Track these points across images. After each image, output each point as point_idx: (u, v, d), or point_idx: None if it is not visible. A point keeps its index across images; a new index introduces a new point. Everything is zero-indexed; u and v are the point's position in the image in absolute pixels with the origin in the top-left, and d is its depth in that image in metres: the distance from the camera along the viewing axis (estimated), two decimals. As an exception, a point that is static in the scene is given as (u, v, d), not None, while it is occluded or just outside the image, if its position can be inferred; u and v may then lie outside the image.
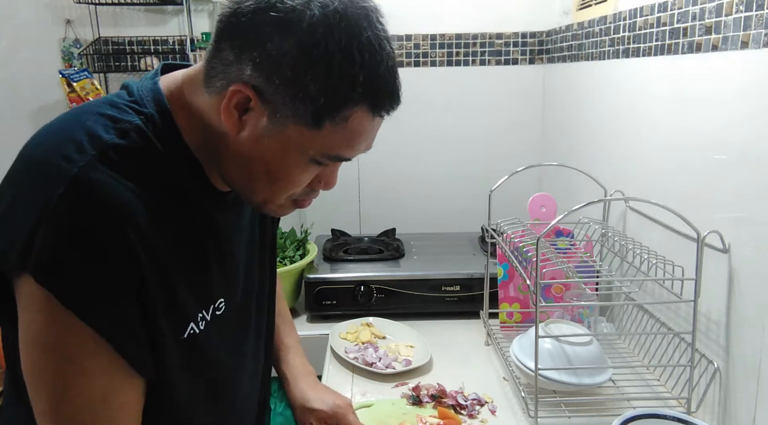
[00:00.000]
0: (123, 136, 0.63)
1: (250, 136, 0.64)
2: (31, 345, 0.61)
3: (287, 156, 0.65)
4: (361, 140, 0.67)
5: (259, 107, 0.62)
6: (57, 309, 0.58)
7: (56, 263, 0.57)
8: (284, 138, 0.63)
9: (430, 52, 1.86)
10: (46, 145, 0.62)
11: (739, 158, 0.91)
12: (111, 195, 0.59)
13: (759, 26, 0.86)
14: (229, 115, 0.63)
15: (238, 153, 0.66)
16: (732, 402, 0.95)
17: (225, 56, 0.62)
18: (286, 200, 0.71)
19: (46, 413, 0.62)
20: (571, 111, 1.65)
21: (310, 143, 0.63)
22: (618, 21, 1.33)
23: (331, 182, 0.73)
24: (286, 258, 1.54)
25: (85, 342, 0.60)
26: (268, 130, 0.63)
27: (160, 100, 0.67)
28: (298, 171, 0.66)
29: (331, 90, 0.60)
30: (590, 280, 1.19)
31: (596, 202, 1.24)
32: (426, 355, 1.26)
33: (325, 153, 0.65)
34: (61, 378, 0.61)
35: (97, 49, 1.86)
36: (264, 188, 0.68)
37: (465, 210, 1.90)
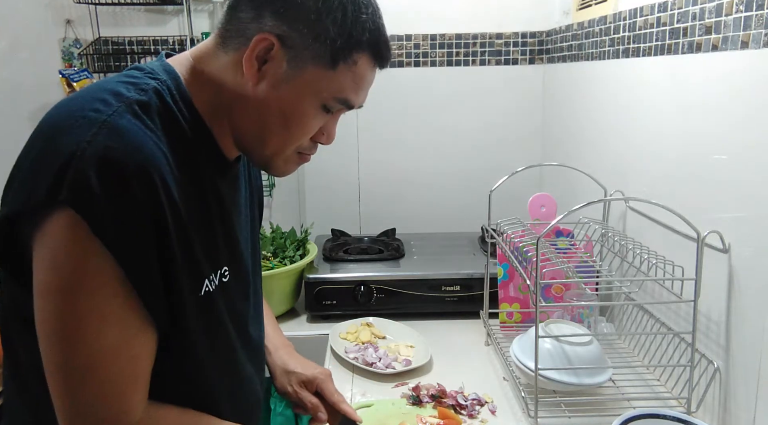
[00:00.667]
0: (143, 93, 0.66)
1: (269, 85, 0.70)
2: (49, 291, 0.62)
3: (303, 100, 0.71)
4: (364, 86, 0.75)
5: (279, 54, 0.68)
6: (84, 241, 0.59)
7: (88, 191, 0.58)
8: (302, 81, 0.70)
9: (430, 52, 1.86)
10: (69, 107, 0.64)
11: (739, 158, 0.91)
12: (140, 140, 0.62)
13: (759, 26, 0.86)
14: (251, 65, 0.69)
15: (254, 106, 0.71)
16: (732, 402, 0.95)
17: (243, 16, 0.69)
18: (292, 153, 0.77)
19: (57, 363, 0.63)
20: (571, 111, 1.65)
21: (325, 85, 0.71)
22: (618, 21, 1.33)
23: (333, 134, 0.79)
24: (286, 258, 1.54)
25: (105, 282, 0.61)
26: (287, 75, 0.69)
27: (171, 70, 0.72)
28: (310, 115, 0.73)
29: (347, 33, 0.69)
30: (590, 280, 1.19)
31: (596, 202, 1.24)
32: (426, 355, 1.26)
33: (336, 95, 0.72)
34: (77, 323, 0.62)
35: (97, 49, 1.86)
36: (277, 137, 0.74)
37: (465, 210, 1.90)
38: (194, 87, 0.72)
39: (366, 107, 2.11)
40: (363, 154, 1.92)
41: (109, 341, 0.63)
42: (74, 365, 0.62)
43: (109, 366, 0.64)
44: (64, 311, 0.61)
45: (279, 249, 1.58)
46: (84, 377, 0.63)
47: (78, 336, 0.62)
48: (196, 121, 0.72)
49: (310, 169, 1.92)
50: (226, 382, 0.81)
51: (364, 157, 1.92)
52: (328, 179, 1.92)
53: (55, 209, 0.59)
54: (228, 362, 0.82)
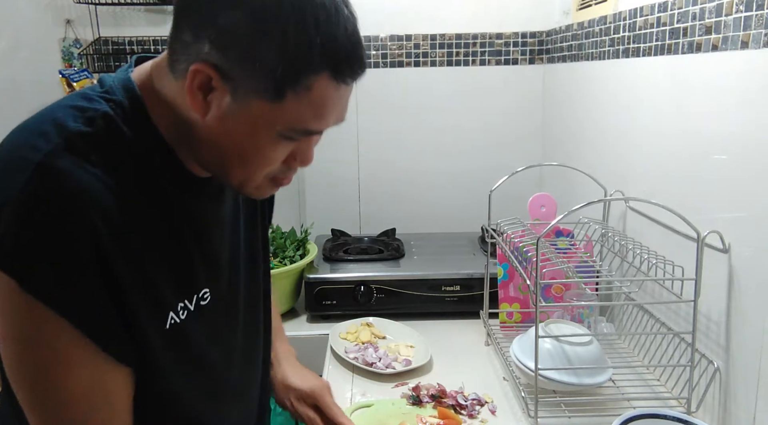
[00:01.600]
0: (89, 123, 0.62)
1: (217, 116, 0.62)
2: (7, 340, 0.60)
3: (255, 134, 0.63)
4: (328, 110, 0.64)
5: (221, 85, 0.60)
6: (26, 299, 0.57)
7: (19, 249, 0.56)
8: (249, 115, 0.61)
9: (430, 52, 1.86)
10: (14, 140, 0.62)
11: (739, 158, 0.91)
12: (75, 182, 0.58)
13: (759, 26, 0.86)
14: (194, 97, 0.61)
15: (207, 136, 0.65)
16: (732, 402, 0.95)
17: (184, 38, 0.61)
18: (263, 180, 0.69)
19: (33, 409, 0.62)
20: (571, 111, 1.65)
21: (276, 118, 0.61)
22: (618, 21, 1.33)
23: (308, 158, 0.70)
24: (286, 258, 1.54)
25: (59, 331, 0.59)
26: (232, 108, 0.61)
27: (130, 88, 0.66)
28: (268, 148, 0.65)
29: (288, 58, 0.58)
30: (590, 280, 1.19)
31: (596, 202, 1.24)
32: (426, 355, 1.26)
33: (293, 127, 0.63)
34: (43, 371, 0.60)
35: (97, 49, 1.86)
36: (237, 170, 0.67)
37: (465, 210, 1.90)
38: (153, 105, 0.66)
39: (366, 107, 2.12)
40: (363, 154, 1.92)
41: (76, 384, 0.61)
42: (45, 409, 0.61)
43: (82, 407, 0.62)
44: (26, 360, 0.60)
45: (279, 249, 1.58)
46: (59, 419, 0.62)
47: (43, 383, 0.60)
48: (156, 144, 0.66)
49: (310, 169, 1.92)
50: (212, 403, 0.79)
51: (364, 157, 1.92)
52: (328, 179, 1.92)
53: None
54: (211, 387, 0.78)
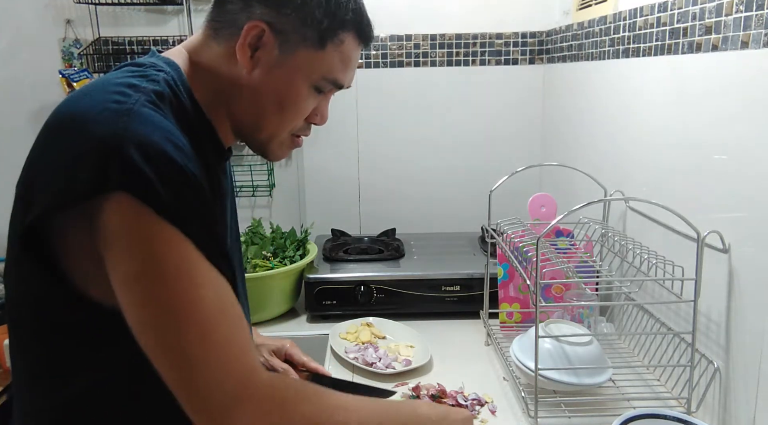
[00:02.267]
0: (156, 83, 0.68)
1: (262, 70, 0.73)
2: (133, 280, 0.60)
3: (295, 82, 0.75)
4: (351, 65, 0.78)
5: (270, 40, 0.72)
6: (148, 221, 0.59)
7: (141, 173, 0.58)
8: (293, 64, 0.74)
9: (430, 52, 1.86)
10: (87, 101, 0.64)
11: (739, 158, 0.91)
12: (168, 125, 0.64)
13: (759, 26, 0.86)
14: (244, 53, 0.72)
15: (249, 91, 0.74)
16: (732, 402, 0.95)
17: (231, 7, 0.73)
18: (287, 135, 0.80)
19: (168, 347, 0.61)
20: (571, 111, 1.65)
21: (316, 66, 0.74)
22: (618, 21, 1.33)
23: (326, 114, 0.83)
24: (286, 258, 1.54)
25: (184, 252, 0.61)
26: (279, 60, 0.73)
27: (172, 62, 0.73)
28: (303, 97, 0.76)
29: (332, 15, 0.73)
30: (590, 280, 1.19)
31: (596, 202, 1.24)
32: (426, 355, 1.26)
33: (326, 76, 0.76)
34: (176, 298, 0.60)
35: (97, 49, 1.86)
36: (272, 121, 0.77)
37: (465, 210, 1.90)
38: (193, 78, 0.74)
39: (366, 107, 2.12)
40: (363, 154, 1.92)
41: (211, 304, 0.62)
42: (190, 340, 0.60)
43: (220, 328, 0.62)
44: (158, 295, 0.60)
45: (279, 249, 1.58)
46: (203, 347, 0.61)
47: (181, 310, 0.60)
48: (198, 112, 0.74)
49: (310, 169, 1.92)
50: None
51: (364, 157, 1.92)
52: (328, 179, 1.92)
53: (107, 197, 0.58)
54: None
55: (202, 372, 0.60)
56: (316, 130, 0.87)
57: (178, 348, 0.60)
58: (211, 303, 0.62)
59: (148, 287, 0.60)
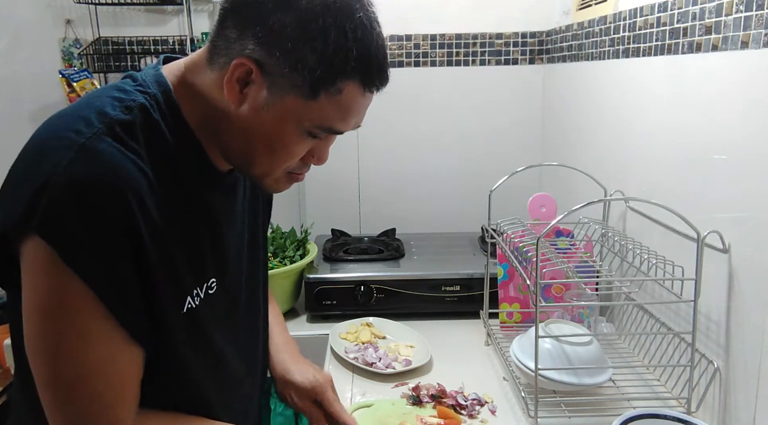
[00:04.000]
0: (128, 112, 0.66)
1: (251, 108, 0.68)
2: (32, 311, 0.63)
3: (285, 127, 0.69)
4: (352, 114, 0.71)
5: (259, 79, 0.67)
6: (57, 268, 0.60)
7: (58, 219, 0.59)
8: (282, 109, 0.67)
9: (430, 52, 1.86)
10: (55, 124, 0.65)
11: (739, 158, 0.91)
12: (116, 164, 0.62)
13: (759, 26, 0.86)
14: (232, 88, 0.67)
15: (238, 126, 0.70)
16: (732, 402, 0.95)
17: (229, 34, 0.67)
18: (282, 173, 0.75)
19: (45, 382, 0.64)
20: (571, 111, 1.65)
21: (307, 114, 0.68)
22: (618, 21, 1.33)
23: (324, 157, 0.77)
24: (286, 258, 1.54)
25: (83, 304, 0.62)
26: (268, 101, 0.67)
27: (163, 82, 0.71)
28: (294, 142, 0.71)
29: (327, 62, 0.65)
30: (590, 280, 1.19)
31: (596, 202, 1.24)
32: (426, 355, 1.26)
33: (320, 124, 0.69)
34: (59, 343, 0.63)
35: (97, 49, 1.86)
36: (263, 160, 0.72)
37: (465, 210, 1.90)
38: (184, 99, 0.71)
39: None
40: (363, 154, 1.92)
41: (93, 359, 0.64)
42: (60, 383, 0.63)
43: (94, 383, 0.64)
44: (47, 332, 0.62)
45: (279, 249, 1.58)
46: (70, 395, 0.64)
47: (61, 355, 0.63)
48: (185, 134, 0.71)
49: (310, 169, 1.92)
50: (217, 387, 0.81)
51: (364, 157, 1.92)
52: (328, 179, 1.92)
53: (29, 235, 0.60)
54: (217, 371, 0.81)
55: (66, 418, 0.64)
56: None
57: (51, 389, 0.64)
58: (91, 357, 0.63)
59: (40, 324, 0.63)
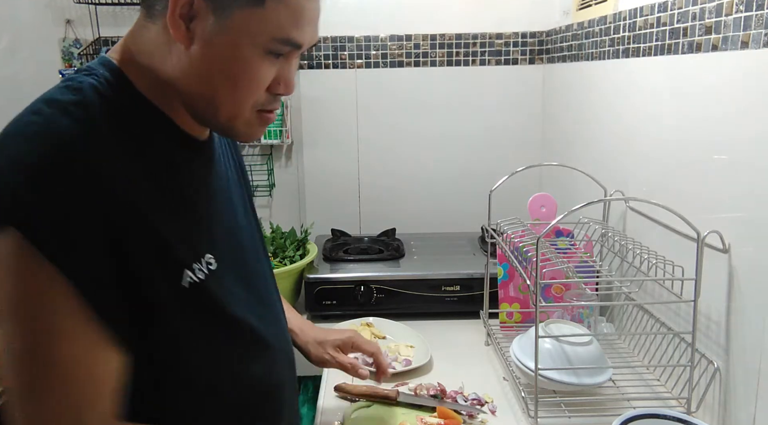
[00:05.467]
0: (77, 92, 0.63)
1: (202, 42, 0.64)
2: (2, 313, 0.59)
3: (241, 49, 0.65)
4: (305, 18, 0.66)
5: (202, 6, 0.63)
6: (31, 256, 0.57)
7: (23, 204, 0.56)
8: (234, 30, 0.64)
9: (430, 52, 1.86)
10: (8, 127, 0.62)
11: (739, 158, 0.91)
12: (76, 143, 0.59)
13: (759, 26, 0.86)
14: (177, 26, 0.63)
15: (194, 70, 0.66)
16: (732, 402, 0.95)
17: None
18: (252, 113, 0.70)
19: (12, 385, 0.60)
20: (571, 111, 1.65)
21: (258, 27, 0.64)
22: (618, 21, 1.33)
23: (290, 82, 0.71)
24: (286, 258, 1.54)
25: (55, 297, 0.58)
26: (217, 27, 0.64)
27: (107, 62, 0.68)
28: (254, 64, 0.66)
29: None
30: (590, 280, 1.19)
31: (596, 202, 1.24)
32: (426, 355, 1.26)
33: (275, 35, 0.65)
34: (34, 342, 0.59)
35: (97, 49, 1.85)
36: (228, 99, 0.68)
37: (465, 210, 1.90)
38: (133, 72, 0.68)
39: (366, 107, 2.12)
40: (363, 154, 1.92)
41: (66, 358, 0.60)
42: (29, 387, 0.60)
43: (62, 386, 0.60)
44: (18, 333, 0.59)
45: (279, 249, 1.58)
46: (38, 397, 0.60)
47: (33, 356, 0.59)
48: (145, 107, 0.68)
49: (310, 169, 1.92)
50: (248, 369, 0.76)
51: (364, 157, 1.92)
52: (328, 179, 1.92)
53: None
54: (236, 361, 0.75)
55: (33, 421, 0.60)
56: (316, 130, 0.85)
57: (18, 392, 0.60)
58: (61, 357, 0.60)
59: (8, 324, 0.59)
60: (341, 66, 1.85)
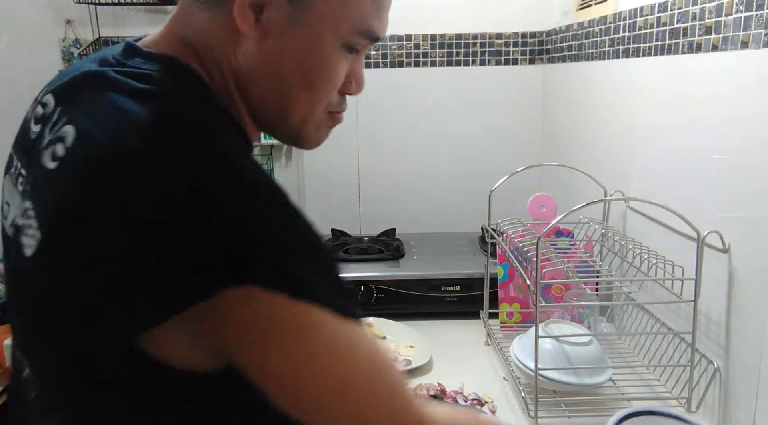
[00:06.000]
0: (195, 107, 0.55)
1: (276, 34, 0.57)
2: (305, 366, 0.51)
3: (321, 42, 0.58)
4: (385, 5, 0.61)
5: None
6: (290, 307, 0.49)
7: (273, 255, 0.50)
8: (313, 19, 0.57)
9: (430, 52, 1.86)
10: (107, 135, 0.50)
11: (739, 158, 0.91)
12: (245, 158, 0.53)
13: (759, 26, 0.86)
14: (246, 18, 0.56)
15: (263, 68, 0.59)
16: (732, 402, 0.95)
17: None
18: (323, 115, 0.65)
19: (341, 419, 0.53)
20: (571, 111, 1.65)
21: (342, 15, 0.58)
22: (618, 21, 1.33)
23: (362, 79, 0.66)
24: (286, 258, 1.54)
25: (332, 326, 0.51)
26: (293, 16, 0.57)
27: (177, 63, 0.58)
28: (333, 60, 0.60)
29: None
30: (590, 280, 1.19)
31: (596, 202, 1.24)
32: (426, 355, 1.26)
33: (358, 26, 0.59)
34: (329, 375, 0.52)
35: (97, 49, 1.86)
36: (301, 99, 0.61)
37: (465, 210, 1.90)
38: (199, 70, 0.59)
39: (366, 107, 2.11)
40: (363, 154, 1.92)
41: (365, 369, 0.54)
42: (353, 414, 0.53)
43: (380, 388, 0.55)
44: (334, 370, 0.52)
45: (279, 249, 1.58)
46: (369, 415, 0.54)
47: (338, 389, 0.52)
48: (222, 112, 0.59)
49: (310, 169, 1.92)
50: None
51: (364, 157, 1.92)
52: (328, 179, 1.92)
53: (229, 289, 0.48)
54: None
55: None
56: None
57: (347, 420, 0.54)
58: (364, 368, 0.54)
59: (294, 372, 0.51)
60: (341, 66, 1.84)
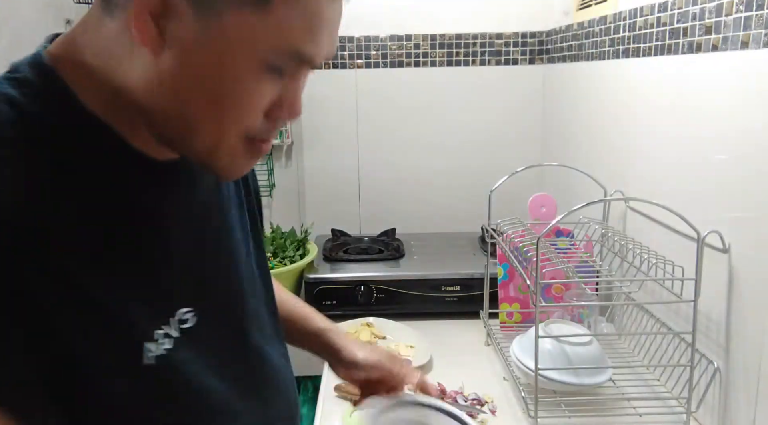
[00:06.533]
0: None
1: (178, 48, 0.48)
2: None
3: (233, 60, 0.48)
4: (322, 25, 0.50)
5: (181, 3, 0.46)
6: None
7: None
8: (224, 35, 0.47)
9: (430, 52, 1.86)
10: None
11: (739, 158, 0.91)
12: None
13: (759, 26, 0.86)
14: (144, 26, 0.47)
15: (164, 82, 0.49)
16: (732, 402, 0.95)
17: None
18: (238, 141, 0.52)
19: None
20: (571, 111, 1.65)
21: (260, 34, 0.48)
22: (618, 21, 1.33)
23: (296, 105, 0.54)
24: (286, 258, 1.54)
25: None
26: (199, 30, 0.47)
27: (39, 62, 0.53)
28: (248, 81, 0.49)
29: None
30: (590, 280, 1.19)
31: (596, 202, 1.24)
32: (426, 355, 1.26)
33: (281, 47, 0.49)
34: None
35: (97, 49, 1.86)
36: (208, 122, 0.51)
37: (465, 210, 1.90)
38: (78, 76, 0.51)
39: (366, 107, 2.12)
40: (363, 154, 1.92)
41: None
42: None
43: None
44: None
45: (279, 249, 1.58)
46: None
47: None
48: (84, 124, 0.51)
49: (310, 169, 1.92)
50: None
51: (364, 157, 1.92)
52: (328, 179, 1.92)
53: None
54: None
55: None
56: (316, 130, 0.81)
57: None
58: None
59: None
60: (341, 66, 1.85)
